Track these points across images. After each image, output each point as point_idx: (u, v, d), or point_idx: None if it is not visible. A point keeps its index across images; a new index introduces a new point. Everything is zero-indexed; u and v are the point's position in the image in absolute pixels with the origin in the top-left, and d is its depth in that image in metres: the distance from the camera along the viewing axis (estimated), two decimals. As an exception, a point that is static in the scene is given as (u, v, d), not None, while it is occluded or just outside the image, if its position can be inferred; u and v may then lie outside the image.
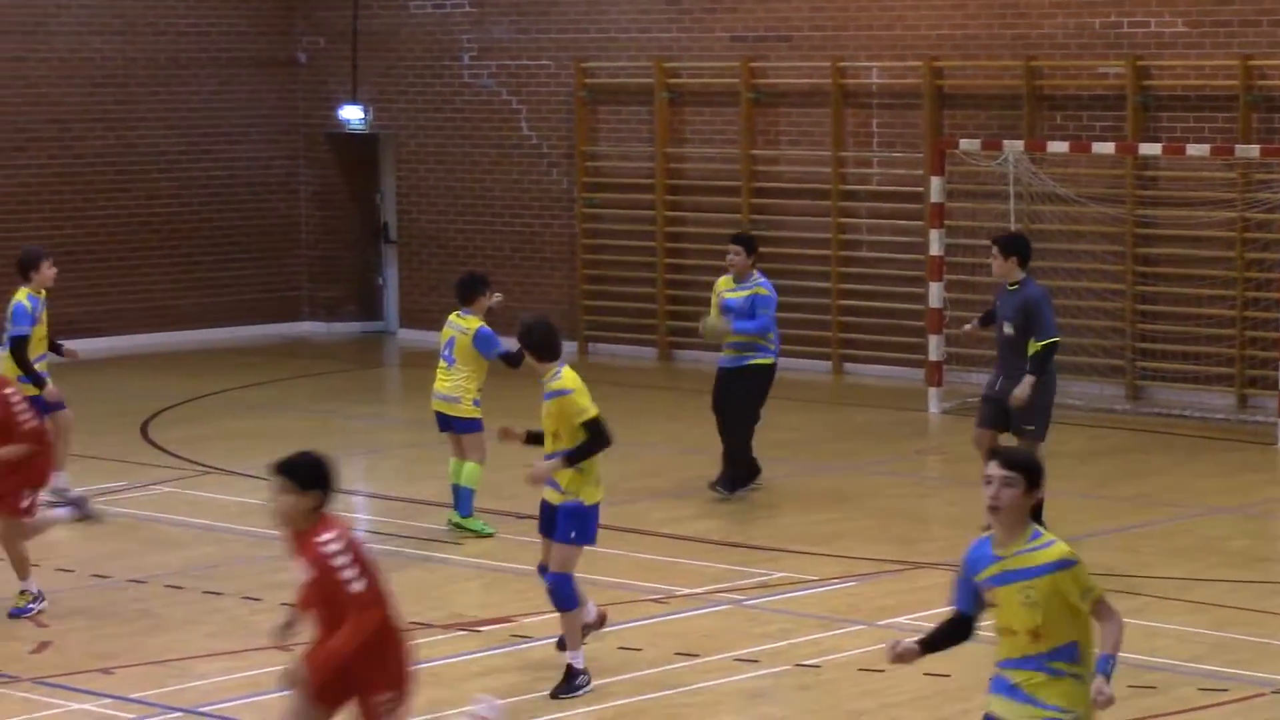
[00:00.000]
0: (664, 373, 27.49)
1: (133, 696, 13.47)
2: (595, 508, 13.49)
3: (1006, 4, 25.01)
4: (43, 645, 14.68)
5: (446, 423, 17.81)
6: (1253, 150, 22.65)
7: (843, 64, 26.12)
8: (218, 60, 30.03)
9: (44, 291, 18.66)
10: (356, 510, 19.02)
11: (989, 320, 18.09)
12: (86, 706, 13.35)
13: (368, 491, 20.28)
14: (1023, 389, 17.07)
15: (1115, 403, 23.93)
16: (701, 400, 19.69)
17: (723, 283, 19.34)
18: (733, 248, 19.30)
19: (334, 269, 31.12)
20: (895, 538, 17.53)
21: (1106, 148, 23.64)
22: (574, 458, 13.31)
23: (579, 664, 13.37)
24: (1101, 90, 24.58)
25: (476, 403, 17.70)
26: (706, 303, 19.72)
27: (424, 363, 27.97)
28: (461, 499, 17.71)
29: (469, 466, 17.50)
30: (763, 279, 19.29)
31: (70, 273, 28.55)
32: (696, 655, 14.37)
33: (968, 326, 18.95)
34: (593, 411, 13.35)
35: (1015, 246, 17.70)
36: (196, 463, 21.15)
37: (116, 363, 27.95)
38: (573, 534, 13.37)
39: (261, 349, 29.54)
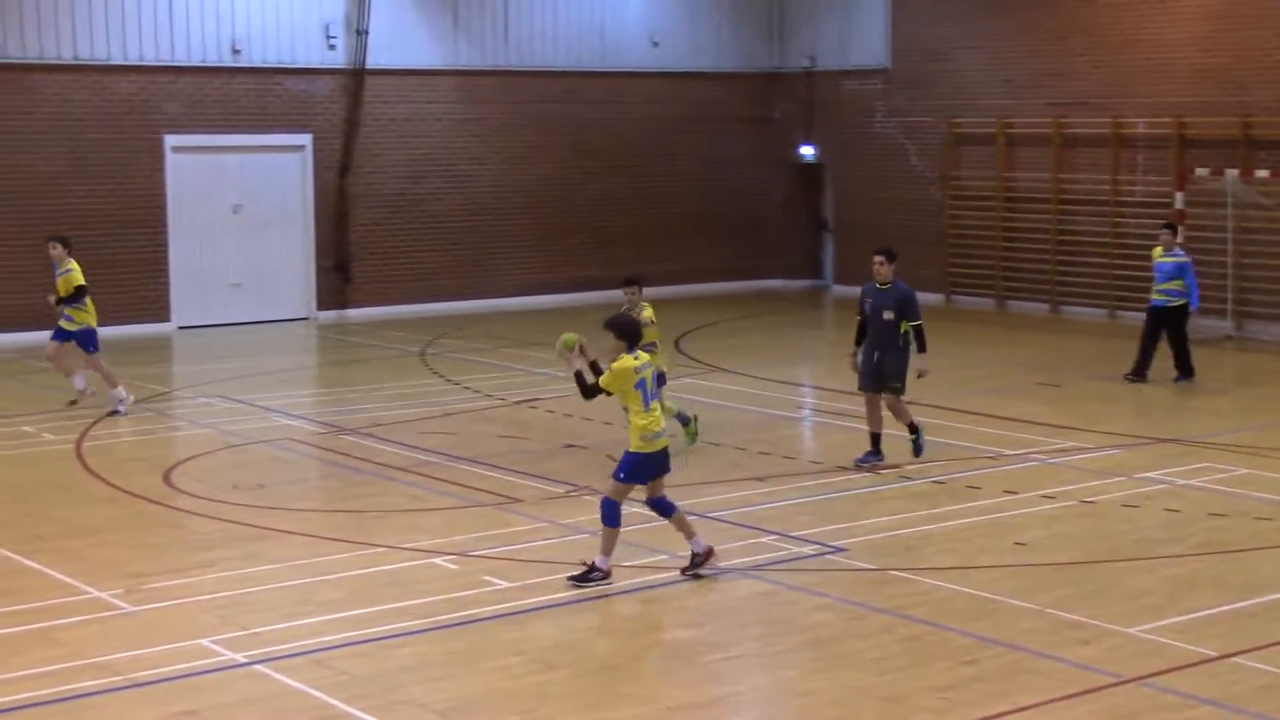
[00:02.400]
0: (998, 315, 27.31)
1: (563, 521, 12.86)
2: (635, 454, 11.07)
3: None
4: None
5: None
6: None
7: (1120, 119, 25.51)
8: (727, 117, 30.44)
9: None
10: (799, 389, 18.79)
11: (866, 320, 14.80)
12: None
13: (800, 382, 20.43)
14: (923, 363, 14.77)
15: None
16: (1015, 333, 17.96)
17: (1156, 252, 19.31)
18: (1165, 232, 19.26)
19: (793, 247, 31.28)
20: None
21: None
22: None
23: (603, 565, 11.06)
24: None
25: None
26: (1023, 265, 19.05)
27: (848, 306, 28.30)
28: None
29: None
30: (1180, 250, 19.29)
31: (639, 246, 29.27)
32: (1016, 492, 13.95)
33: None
34: (604, 381, 11.08)
35: (894, 255, 14.77)
36: (706, 363, 21.36)
37: (663, 301, 28.16)
38: (621, 474, 11.13)
39: (746, 296, 29.73)
